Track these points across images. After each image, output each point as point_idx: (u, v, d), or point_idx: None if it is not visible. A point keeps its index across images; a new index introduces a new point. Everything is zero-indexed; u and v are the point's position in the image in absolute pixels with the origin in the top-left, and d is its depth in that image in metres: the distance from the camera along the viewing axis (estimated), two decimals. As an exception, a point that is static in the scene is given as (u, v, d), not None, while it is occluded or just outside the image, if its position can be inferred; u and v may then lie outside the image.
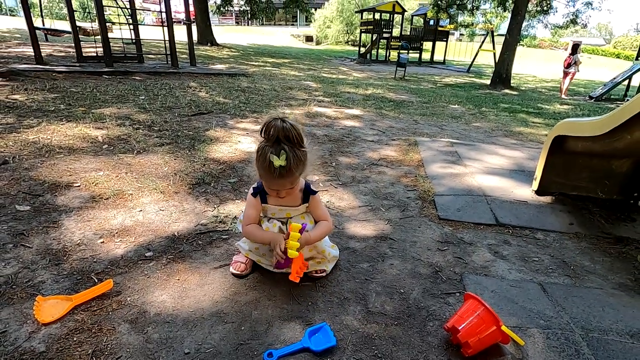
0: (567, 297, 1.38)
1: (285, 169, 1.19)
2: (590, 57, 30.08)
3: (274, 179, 1.22)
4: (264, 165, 1.21)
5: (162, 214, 1.83)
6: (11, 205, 1.74)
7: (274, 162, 1.18)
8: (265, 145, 1.21)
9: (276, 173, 1.20)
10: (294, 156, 1.19)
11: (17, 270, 1.34)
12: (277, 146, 1.19)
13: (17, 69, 5.47)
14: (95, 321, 1.17)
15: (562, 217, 2.03)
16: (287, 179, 1.23)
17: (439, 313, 1.29)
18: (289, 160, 1.18)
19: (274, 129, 1.18)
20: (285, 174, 1.20)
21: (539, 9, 13.12)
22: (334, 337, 1.13)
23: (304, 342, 1.11)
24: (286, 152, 1.18)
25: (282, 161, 1.18)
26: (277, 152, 1.18)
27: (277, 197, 1.33)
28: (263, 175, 1.26)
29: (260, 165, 1.23)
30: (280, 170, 1.19)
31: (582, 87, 14.16)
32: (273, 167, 1.18)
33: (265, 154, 1.19)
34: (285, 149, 1.18)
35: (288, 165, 1.18)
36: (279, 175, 1.20)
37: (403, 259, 1.62)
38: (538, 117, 6.26)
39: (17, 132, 2.66)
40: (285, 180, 1.23)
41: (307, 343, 1.10)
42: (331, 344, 1.11)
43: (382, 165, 2.86)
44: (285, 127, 1.18)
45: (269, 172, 1.21)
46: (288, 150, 1.18)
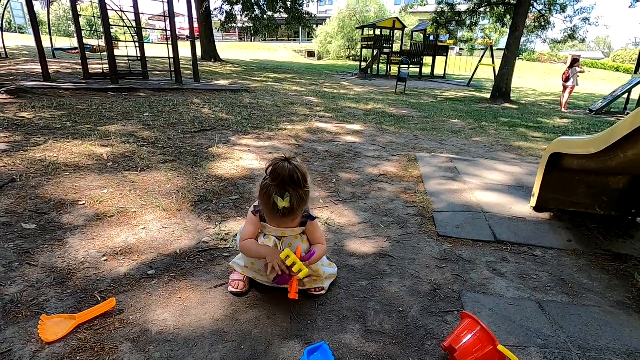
0: (565, 316, 1.39)
1: (289, 210, 1.23)
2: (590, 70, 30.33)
3: (278, 218, 1.27)
4: (268, 204, 1.25)
5: (165, 232, 1.86)
6: (17, 224, 1.78)
7: (277, 204, 1.21)
8: (270, 185, 1.24)
9: (279, 214, 1.24)
10: (298, 197, 1.23)
11: (23, 289, 1.37)
12: (281, 188, 1.22)
13: (25, 86, 5.60)
14: (98, 340, 1.19)
15: (561, 234, 2.05)
16: (289, 217, 1.27)
17: (437, 332, 1.31)
18: (292, 202, 1.22)
19: (280, 170, 1.21)
20: (289, 214, 1.24)
21: (537, 24, 13.34)
22: (333, 357, 1.15)
23: None
24: (290, 195, 1.21)
25: (287, 203, 1.21)
26: (281, 193, 1.21)
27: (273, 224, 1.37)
28: (266, 212, 1.30)
29: (263, 203, 1.27)
30: (284, 211, 1.23)
31: (582, 101, 14.25)
32: (277, 208, 1.22)
33: (270, 194, 1.23)
34: (290, 192, 1.21)
35: (292, 206, 1.23)
36: (282, 215, 1.24)
37: (402, 277, 1.63)
38: (538, 131, 6.31)
39: (24, 150, 2.73)
40: (288, 219, 1.28)
41: None
42: None
43: (382, 182, 2.89)
44: (291, 169, 1.21)
45: (272, 211, 1.25)
46: (292, 193, 1.22)
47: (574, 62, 11.07)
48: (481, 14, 13.51)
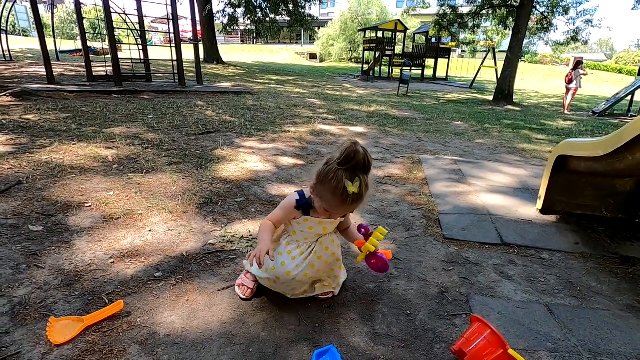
0: (574, 319, 1.38)
1: (358, 195, 1.17)
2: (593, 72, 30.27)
3: (345, 205, 1.19)
4: (336, 190, 1.16)
5: (171, 234, 1.87)
6: (25, 226, 1.78)
7: (347, 188, 1.14)
8: (338, 169, 1.16)
9: (349, 200, 1.16)
10: (365, 184, 1.18)
11: (31, 291, 1.37)
12: (352, 172, 1.15)
13: (29, 89, 5.63)
14: (106, 342, 1.19)
15: (568, 237, 2.04)
16: (356, 204, 1.21)
17: (445, 335, 1.30)
18: (362, 187, 1.16)
19: (355, 155, 1.13)
20: (357, 200, 1.18)
21: (539, 26, 13.33)
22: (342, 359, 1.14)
23: None
24: (360, 180, 1.16)
25: (356, 188, 1.15)
26: (351, 178, 1.15)
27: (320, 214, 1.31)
28: (331, 200, 1.20)
29: (331, 190, 1.17)
30: (353, 197, 1.16)
31: (584, 103, 14.21)
32: (347, 193, 1.15)
33: (339, 179, 1.15)
34: (360, 177, 1.16)
35: (361, 192, 1.17)
36: (351, 202, 1.17)
37: (409, 280, 1.63)
38: (541, 133, 6.29)
39: (30, 152, 2.74)
40: (354, 206, 1.22)
41: None
42: None
43: (386, 184, 2.89)
44: (364, 154, 1.15)
45: (340, 198, 1.16)
46: (362, 178, 1.16)
47: (578, 64, 11.05)
48: (483, 16, 13.51)
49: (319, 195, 1.24)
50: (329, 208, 1.25)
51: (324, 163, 1.21)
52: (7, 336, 1.17)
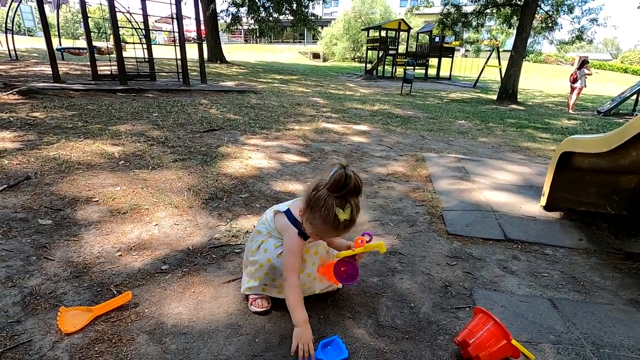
0: (577, 313, 1.39)
1: (349, 221, 1.12)
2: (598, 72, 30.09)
3: (337, 232, 1.15)
4: (327, 218, 1.11)
5: (177, 228, 1.89)
6: (34, 219, 1.81)
7: (339, 216, 1.09)
8: (328, 196, 1.10)
9: (341, 227, 1.12)
10: (356, 207, 1.13)
11: (41, 282, 1.40)
12: (342, 199, 1.10)
13: (36, 87, 5.68)
14: (115, 332, 1.21)
15: (571, 233, 2.04)
16: (348, 229, 1.15)
17: (449, 327, 1.31)
18: (353, 213, 1.12)
19: (347, 180, 1.08)
20: (349, 226, 1.14)
21: (544, 25, 13.27)
22: (346, 350, 1.16)
23: (317, 354, 1.13)
24: (351, 206, 1.11)
25: (347, 215, 1.10)
26: (342, 205, 1.10)
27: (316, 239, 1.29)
28: (322, 228, 1.15)
29: (322, 218, 1.12)
30: (345, 223, 1.11)
31: (589, 102, 14.14)
32: (338, 221, 1.10)
33: (330, 207, 1.09)
34: (351, 203, 1.11)
35: (352, 217, 1.12)
36: (343, 229, 1.13)
37: (413, 274, 1.64)
38: (546, 132, 6.27)
39: (38, 148, 2.77)
40: (347, 231, 1.16)
41: (319, 355, 1.13)
42: (344, 356, 1.13)
43: (390, 181, 2.90)
44: (355, 178, 1.10)
45: (331, 225, 1.12)
46: (352, 204, 1.11)
47: (583, 63, 11.00)
48: (487, 15, 13.46)
49: (308, 221, 1.18)
50: (320, 235, 1.21)
51: (313, 188, 1.14)
52: (18, 325, 1.20)
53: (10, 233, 1.68)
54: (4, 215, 1.81)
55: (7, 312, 1.24)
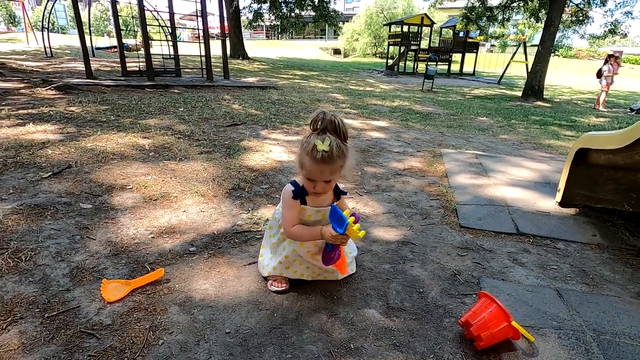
0: (583, 303, 1.44)
1: (328, 154, 1.21)
2: (633, 67, 28.68)
3: (316, 164, 1.24)
4: (307, 149, 1.24)
5: (203, 215, 2.03)
6: (76, 203, 2.00)
7: (317, 146, 1.21)
8: (311, 134, 1.27)
9: (318, 156, 1.22)
10: (337, 146, 1.23)
11: (85, 258, 1.57)
12: (322, 133, 1.24)
13: (71, 83, 6.01)
14: (150, 302, 1.35)
15: (585, 229, 2.06)
16: (327, 165, 1.24)
17: (455, 311, 1.39)
18: (331, 146, 1.21)
19: (322, 121, 1.24)
20: (327, 159, 1.22)
21: (574, 19, 12.80)
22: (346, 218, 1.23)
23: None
24: (330, 139, 1.22)
25: (326, 146, 1.21)
26: (322, 138, 1.22)
27: (315, 195, 1.36)
28: (305, 163, 1.27)
29: (303, 151, 1.26)
30: (323, 154, 1.21)
31: (622, 99, 13.59)
32: (316, 151, 1.21)
33: (310, 141, 1.25)
34: (330, 137, 1.23)
35: (330, 151, 1.21)
36: (320, 159, 1.22)
37: (423, 262, 1.72)
38: (571, 129, 6.12)
39: (77, 140, 2.99)
40: (326, 167, 1.24)
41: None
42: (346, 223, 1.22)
43: (406, 175, 2.96)
44: (332, 117, 1.24)
45: (311, 156, 1.23)
46: (332, 138, 1.23)
47: (608, 58, 10.63)
48: (514, 9, 13.10)
49: (300, 166, 1.31)
50: (307, 174, 1.30)
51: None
52: (68, 293, 1.36)
53: (57, 215, 1.86)
54: (51, 199, 2.00)
55: (58, 282, 1.41)
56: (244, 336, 1.22)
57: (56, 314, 1.26)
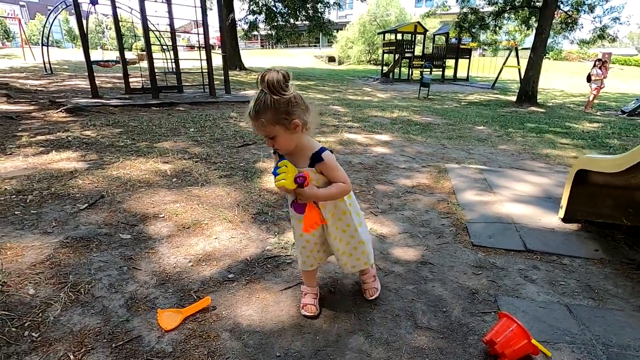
0: (591, 318, 1.60)
1: (252, 110, 1.28)
2: (622, 68, 29.24)
3: (250, 120, 1.31)
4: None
5: (234, 241, 2.18)
6: (116, 234, 2.14)
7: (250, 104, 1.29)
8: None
9: (250, 112, 1.29)
10: (263, 102, 1.25)
11: (136, 288, 1.71)
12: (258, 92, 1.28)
13: (80, 104, 6.15)
14: (203, 329, 1.50)
15: (588, 244, 2.23)
16: (256, 121, 1.29)
17: (477, 329, 1.54)
18: (256, 104, 1.26)
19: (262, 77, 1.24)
20: (254, 116, 1.28)
21: (564, 25, 13.16)
22: None
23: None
24: (256, 98, 1.27)
25: (252, 104, 1.28)
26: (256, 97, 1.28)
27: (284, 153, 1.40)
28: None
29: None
30: (250, 112, 1.29)
31: (613, 101, 13.90)
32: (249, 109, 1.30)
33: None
34: (258, 95, 1.27)
35: (256, 108, 1.27)
36: (250, 116, 1.30)
37: (443, 282, 1.88)
38: (566, 137, 6.33)
39: (102, 168, 3.14)
40: (256, 122, 1.30)
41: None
42: None
43: (416, 193, 3.13)
44: (263, 75, 1.24)
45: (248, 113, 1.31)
46: (260, 96, 1.26)
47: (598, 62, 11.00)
48: (505, 17, 13.44)
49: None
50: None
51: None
52: (128, 323, 1.50)
53: (101, 246, 2.00)
54: (92, 231, 2.14)
55: (116, 312, 1.55)
56: (293, 359, 1.37)
57: (122, 344, 1.40)
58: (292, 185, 1.32)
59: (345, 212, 1.52)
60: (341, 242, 1.58)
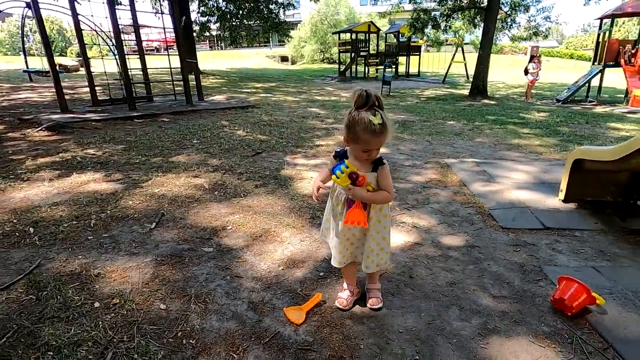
0: (614, 274, 2.08)
1: (382, 125, 1.43)
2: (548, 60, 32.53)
3: (374, 137, 1.44)
4: (362, 125, 1.43)
5: (305, 244, 2.41)
6: (199, 249, 2.28)
7: (372, 121, 1.41)
8: (359, 112, 1.44)
9: (377, 129, 1.42)
10: (386, 118, 1.45)
11: (249, 294, 1.90)
12: (371, 109, 1.43)
13: (60, 121, 5.85)
14: (328, 320, 1.74)
15: (588, 219, 2.76)
16: (382, 135, 1.45)
17: (539, 292, 1.95)
18: (383, 118, 1.43)
19: (367, 97, 1.42)
20: (383, 130, 1.44)
21: (504, 24, 14.54)
22: None
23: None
24: (380, 113, 1.43)
25: (379, 119, 1.42)
26: (373, 113, 1.42)
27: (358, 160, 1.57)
28: (362, 137, 1.45)
29: (359, 128, 1.44)
30: (379, 127, 1.42)
31: (547, 91, 15.60)
32: (372, 125, 1.41)
33: (362, 117, 1.43)
34: (379, 112, 1.43)
35: (384, 122, 1.43)
36: (379, 132, 1.43)
37: (494, 260, 2.27)
38: (525, 127, 7.16)
39: (139, 187, 3.17)
40: (382, 137, 1.46)
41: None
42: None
43: (432, 187, 3.54)
44: (375, 95, 1.43)
45: (369, 130, 1.42)
46: (382, 113, 1.44)
47: (532, 58, 12.44)
48: (454, 17, 14.53)
49: (353, 141, 1.51)
50: (365, 145, 1.49)
51: (347, 116, 1.49)
52: (262, 323, 1.71)
53: (194, 261, 2.15)
54: (175, 248, 2.27)
55: (247, 315, 1.75)
56: (412, 333, 1.67)
57: (269, 340, 1.61)
58: (345, 182, 1.51)
59: (386, 215, 1.72)
60: (374, 241, 1.72)
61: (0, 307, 1.68)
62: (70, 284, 1.86)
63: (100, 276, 1.94)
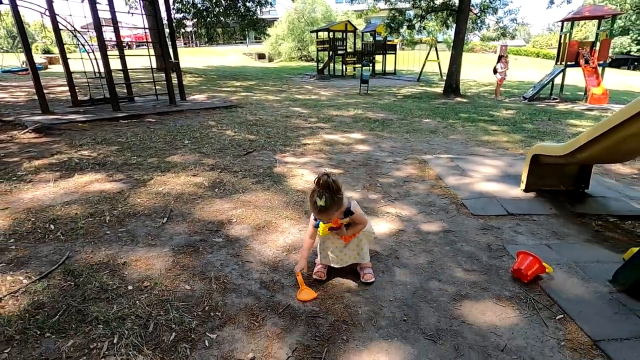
0: (562, 249, 2.51)
1: (324, 207, 1.86)
2: (516, 58, 34.05)
3: (320, 214, 1.94)
4: (312, 204, 1.92)
5: (303, 233, 2.71)
6: (210, 239, 2.55)
7: (317, 202, 1.86)
8: (314, 190, 1.90)
9: (317, 209, 1.89)
10: (331, 200, 1.86)
11: (260, 275, 2.19)
12: (320, 192, 1.85)
13: (45, 123, 5.88)
14: (330, 294, 2.06)
15: (544, 205, 3.22)
16: (325, 214, 1.92)
17: (502, 266, 2.35)
18: (327, 202, 1.85)
19: (321, 180, 1.86)
20: (324, 211, 1.88)
21: (475, 25, 15.27)
22: None
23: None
24: (325, 197, 1.84)
25: (322, 202, 1.85)
26: (319, 195, 1.85)
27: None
28: (313, 211, 1.97)
29: (310, 205, 1.95)
30: (320, 208, 1.87)
31: (515, 89, 16.50)
32: (317, 205, 1.87)
33: (313, 196, 1.89)
34: (325, 195, 1.84)
35: (326, 205, 1.86)
36: (319, 211, 1.90)
37: (466, 241, 2.66)
38: (494, 124, 7.73)
39: (144, 186, 3.38)
40: (324, 215, 1.93)
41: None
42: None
43: (411, 182, 3.92)
44: (327, 180, 1.85)
45: (314, 208, 1.91)
46: (327, 196, 1.84)
47: (500, 58, 13.18)
48: (428, 18, 15.12)
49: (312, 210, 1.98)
50: (317, 216, 2.02)
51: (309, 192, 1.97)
52: (274, 298, 2.01)
53: (207, 249, 2.42)
54: (189, 239, 2.52)
55: (261, 292, 2.04)
56: (401, 301, 2.02)
57: (282, 310, 1.92)
58: (326, 233, 2.10)
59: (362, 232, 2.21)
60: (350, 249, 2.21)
61: (45, 292, 1.90)
62: (101, 271, 2.10)
63: (126, 264, 2.19)
